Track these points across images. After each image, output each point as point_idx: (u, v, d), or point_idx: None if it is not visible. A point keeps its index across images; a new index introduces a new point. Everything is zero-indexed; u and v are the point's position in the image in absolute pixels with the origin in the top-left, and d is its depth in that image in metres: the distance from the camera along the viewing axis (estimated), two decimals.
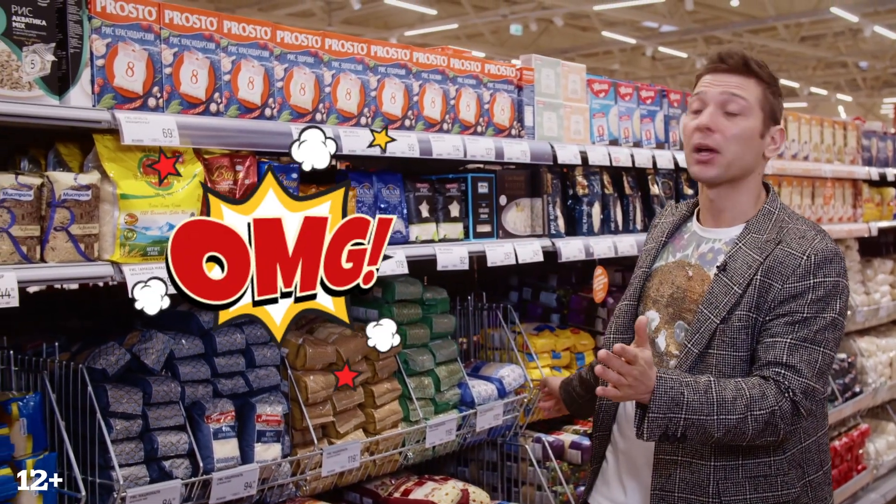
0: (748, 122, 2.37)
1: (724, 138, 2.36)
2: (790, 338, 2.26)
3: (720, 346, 2.32)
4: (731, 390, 2.22)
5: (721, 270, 2.36)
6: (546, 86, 3.60)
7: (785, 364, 2.25)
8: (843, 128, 5.65)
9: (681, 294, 2.43)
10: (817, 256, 2.31)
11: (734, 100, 2.37)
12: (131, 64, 2.37)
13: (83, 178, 2.31)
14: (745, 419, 2.20)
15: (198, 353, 2.70)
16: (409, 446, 3.21)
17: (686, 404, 2.18)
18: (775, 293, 2.30)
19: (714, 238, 2.47)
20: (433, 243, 3.16)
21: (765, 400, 2.21)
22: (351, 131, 2.83)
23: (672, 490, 2.34)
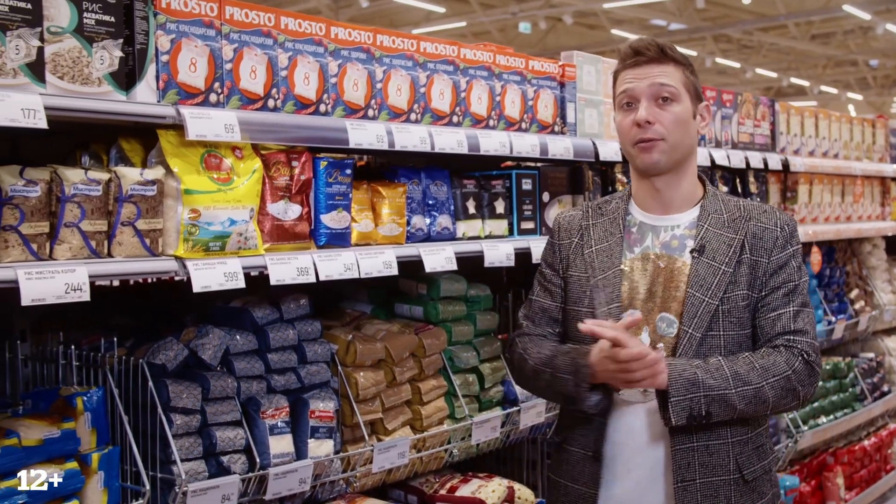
0: (681, 105, 2.46)
1: (664, 127, 2.44)
2: (791, 307, 2.46)
3: (726, 326, 2.43)
4: (742, 364, 2.38)
5: (699, 253, 2.46)
6: (587, 82, 3.65)
7: (793, 331, 2.44)
8: (872, 125, 5.71)
9: (658, 287, 2.48)
10: (788, 226, 2.52)
11: (664, 89, 2.45)
12: (194, 60, 2.42)
13: (148, 173, 2.36)
14: (763, 387, 2.37)
15: (252, 349, 2.75)
16: (455, 443, 3.25)
17: (702, 382, 2.33)
18: (764, 267, 2.47)
19: (671, 225, 2.53)
20: (480, 240, 3.21)
21: (777, 366, 2.39)
22: (403, 127, 2.89)
23: (693, 478, 2.40)
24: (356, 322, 3.22)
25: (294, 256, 2.60)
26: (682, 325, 2.42)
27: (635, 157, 2.49)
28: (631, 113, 2.47)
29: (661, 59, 2.47)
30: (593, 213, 2.63)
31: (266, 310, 2.81)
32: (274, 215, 2.61)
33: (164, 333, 2.72)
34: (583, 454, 2.52)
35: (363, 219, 2.85)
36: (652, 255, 2.52)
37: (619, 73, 2.52)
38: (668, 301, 2.46)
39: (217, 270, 2.40)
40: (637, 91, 2.46)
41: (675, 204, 2.54)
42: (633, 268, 2.52)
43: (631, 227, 2.57)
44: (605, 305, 2.48)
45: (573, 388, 2.43)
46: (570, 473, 2.55)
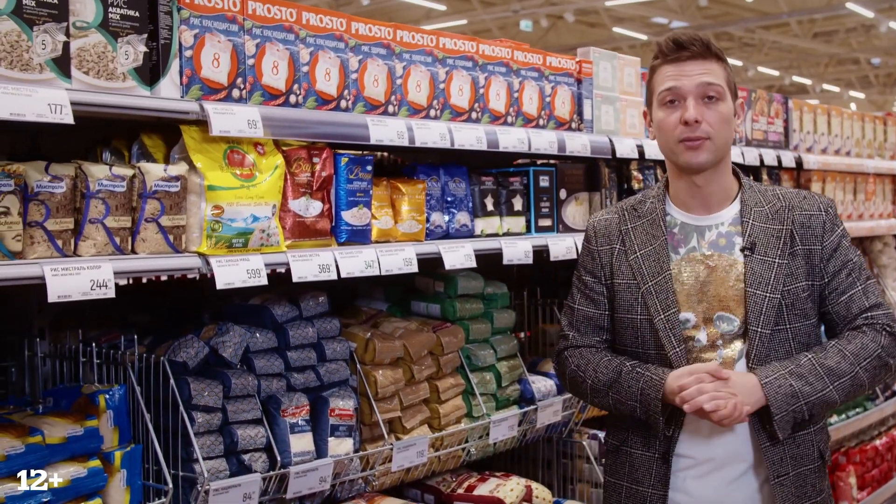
0: (726, 104, 2.47)
1: (711, 126, 2.44)
2: (859, 286, 2.49)
3: (792, 319, 2.46)
4: (833, 355, 2.42)
5: (750, 251, 2.46)
6: (603, 79, 3.66)
7: (869, 308, 2.48)
8: (884, 123, 5.72)
9: (710, 286, 2.47)
10: (831, 208, 2.55)
11: (711, 88, 2.44)
12: (217, 55, 2.43)
13: (172, 169, 2.36)
14: (857, 374, 2.41)
15: (272, 347, 2.75)
16: (472, 442, 3.26)
17: (800, 392, 2.37)
18: (818, 255, 2.49)
19: (715, 223, 2.53)
20: (498, 237, 3.22)
21: (865, 349, 2.43)
22: (423, 123, 2.89)
23: (787, 472, 2.43)
24: (373, 320, 3.23)
25: (315, 253, 2.60)
26: (750, 324, 2.42)
27: (679, 154, 2.47)
28: (675, 111, 2.45)
29: (705, 56, 2.45)
30: (630, 215, 2.61)
31: (286, 307, 2.81)
32: (295, 212, 2.61)
33: (183, 331, 2.72)
34: (648, 456, 2.51)
35: (383, 216, 2.86)
36: (699, 255, 2.51)
37: (660, 68, 2.48)
38: (724, 300, 2.47)
39: (240, 267, 2.40)
40: (684, 89, 2.43)
41: (714, 200, 2.53)
42: (681, 270, 2.51)
43: (672, 228, 2.56)
44: (661, 313, 2.47)
45: (643, 415, 2.46)
46: (634, 475, 2.54)
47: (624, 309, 2.55)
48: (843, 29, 23.49)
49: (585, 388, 2.57)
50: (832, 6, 19.19)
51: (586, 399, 2.63)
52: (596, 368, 2.53)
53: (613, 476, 2.63)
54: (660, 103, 2.48)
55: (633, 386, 2.45)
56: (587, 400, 2.63)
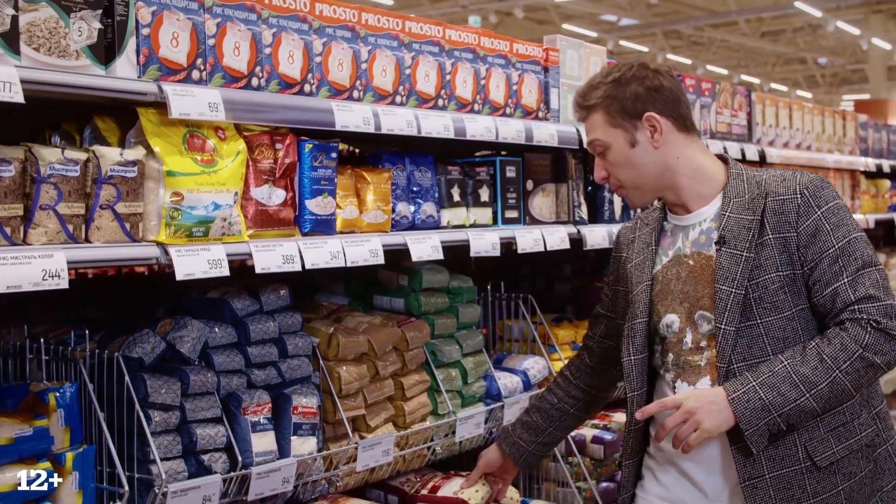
0: (612, 152, 2.50)
1: (617, 176, 2.52)
2: (845, 276, 2.29)
3: (762, 313, 2.34)
4: (808, 361, 2.27)
5: (721, 244, 2.40)
6: (570, 67, 3.61)
7: (856, 301, 2.27)
8: (843, 118, 5.77)
9: (690, 286, 2.45)
10: (809, 189, 2.35)
11: (592, 145, 2.55)
12: (176, 34, 2.33)
13: (129, 153, 2.26)
14: (835, 380, 2.25)
15: (231, 342, 2.66)
16: (438, 441, 3.19)
17: (772, 404, 2.26)
18: (794, 241, 2.33)
19: (698, 221, 2.49)
20: (465, 228, 3.16)
21: (845, 350, 2.25)
22: (389, 110, 2.82)
23: (762, 474, 2.32)
24: (336, 315, 3.14)
25: (279, 243, 2.52)
26: (716, 322, 2.37)
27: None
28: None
29: (582, 114, 2.56)
30: (640, 223, 2.67)
31: (246, 301, 2.72)
32: (258, 200, 2.53)
33: (138, 326, 2.62)
34: (630, 463, 2.58)
35: (348, 205, 2.78)
36: (682, 255, 2.49)
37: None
38: (702, 298, 2.43)
39: (201, 257, 2.31)
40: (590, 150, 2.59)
41: (694, 203, 2.51)
42: (667, 272, 2.51)
43: (667, 232, 2.58)
44: (629, 320, 2.55)
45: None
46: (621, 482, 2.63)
47: (621, 317, 2.64)
48: (790, 28, 23.86)
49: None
50: (780, 5, 19.47)
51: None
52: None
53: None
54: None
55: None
56: None
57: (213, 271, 2.32)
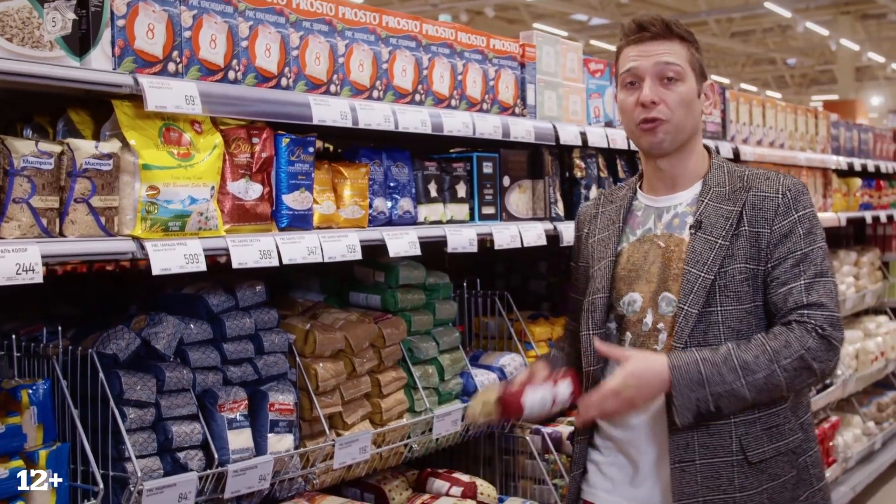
0: (686, 85, 2.42)
1: (668, 107, 2.41)
2: (802, 279, 2.35)
3: (723, 301, 2.38)
4: (752, 350, 2.31)
5: (697, 228, 2.42)
6: (546, 63, 3.62)
7: (806, 304, 2.33)
8: (815, 116, 5.82)
9: (657, 267, 2.47)
10: (791, 192, 2.40)
11: (669, 68, 2.40)
12: (151, 25, 2.31)
13: (104, 146, 2.23)
14: (773, 373, 2.29)
15: (207, 339, 2.64)
16: (415, 438, 3.19)
17: (707, 380, 2.28)
18: (766, 238, 2.38)
19: (673, 204, 2.51)
20: (442, 224, 3.15)
21: (788, 347, 2.30)
22: (366, 104, 2.81)
23: (692, 459, 2.36)
24: (311, 311, 3.13)
25: (256, 238, 2.50)
26: (679, 303, 2.39)
27: (639, 137, 2.46)
28: (634, 92, 2.43)
29: (666, 36, 2.41)
30: (604, 201, 2.66)
31: (221, 297, 2.70)
32: (234, 194, 2.51)
33: (110, 323, 2.59)
34: (582, 439, 2.57)
35: (325, 200, 2.77)
36: (652, 236, 2.50)
37: (623, 50, 2.47)
38: (667, 280, 2.44)
39: (177, 252, 2.29)
40: (641, 70, 2.41)
41: (679, 182, 2.51)
42: (633, 251, 2.50)
43: (636, 211, 2.56)
44: (590, 294, 2.53)
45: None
46: (575, 458, 2.59)
47: (580, 291, 2.63)
48: (759, 29, 24.06)
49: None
50: (750, 6, 19.62)
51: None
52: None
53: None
54: (621, 85, 2.48)
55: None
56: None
57: (189, 266, 2.30)
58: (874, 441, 6.53)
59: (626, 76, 2.45)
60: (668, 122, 2.42)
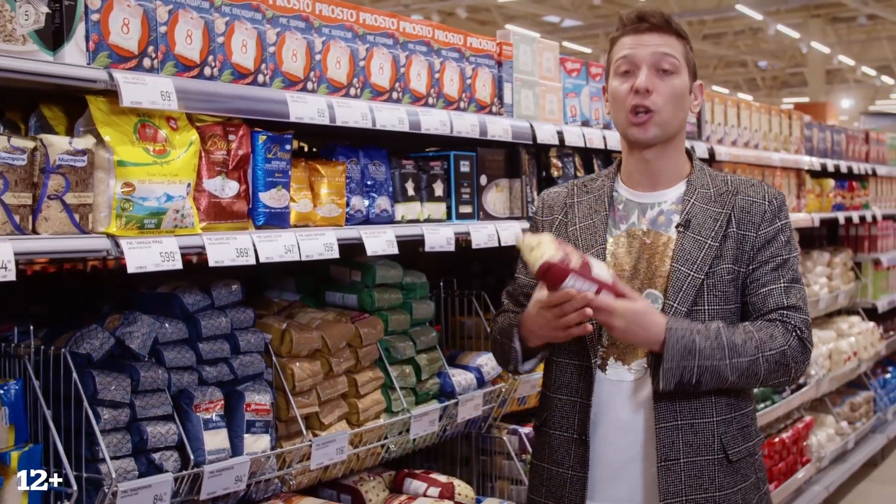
0: (680, 79, 2.45)
1: (661, 98, 2.43)
2: (782, 282, 2.45)
3: (711, 301, 2.43)
4: (740, 334, 2.37)
5: (684, 228, 2.45)
6: (523, 62, 3.62)
7: (786, 306, 2.43)
8: (789, 117, 5.86)
9: (643, 263, 2.48)
10: (777, 200, 2.51)
11: (666, 59, 2.43)
12: (127, 20, 2.28)
13: (78, 142, 2.21)
14: (757, 360, 2.36)
15: (182, 338, 2.61)
16: (392, 438, 3.17)
17: (699, 351, 2.32)
18: (751, 241, 2.45)
19: (658, 201, 2.53)
20: (419, 223, 3.15)
21: (774, 340, 2.39)
22: (344, 102, 2.80)
23: (677, 457, 2.38)
24: (288, 311, 3.11)
25: (233, 236, 2.48)
26: (668, 300, 2.41)
27: (627, 127, 2.47)
28: (628, 80, 2.45)
29: (664, 29, 2.44)
30: (578, 190, 2.63)
31: (197, 296, 2.67)
32: (211, 192, 2.49)
33: (83, 322, 2.56)
34: (567, 437, 2.49)
35: (302, 198, 2.75)
36: (637, 231, 2.51)
37: (619, 39, 2.49)
38: (652, 277, 2.45)
39: (153, 250, 2.27)
40: (638, 58, 2.43)
41: (663, 178, 2.53)
42: (617, 244, 2.50)
43: (617, 205, 2.56)
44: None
45: (504, 349, 2.52)
46: (554, 457, 2.52)
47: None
48: (731, 31, 24.25)
49: (492, 344, 2.64)
50: (722, 8, 19.76)
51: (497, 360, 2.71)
52: (502, 321, 2.60)
53: (536, 457, 2.63)
54: (615, 73, 2.48)
55: (504, 322, 2.57)
56: (497, 360, 2.71)
57: (165, 264, 2.28)
58: (847, 441, 6.59)
59: (621, 63, 2.46)
60: (658, 114, 2.44)
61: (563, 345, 2.50)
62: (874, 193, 7.41)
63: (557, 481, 2.51)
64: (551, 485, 2.52)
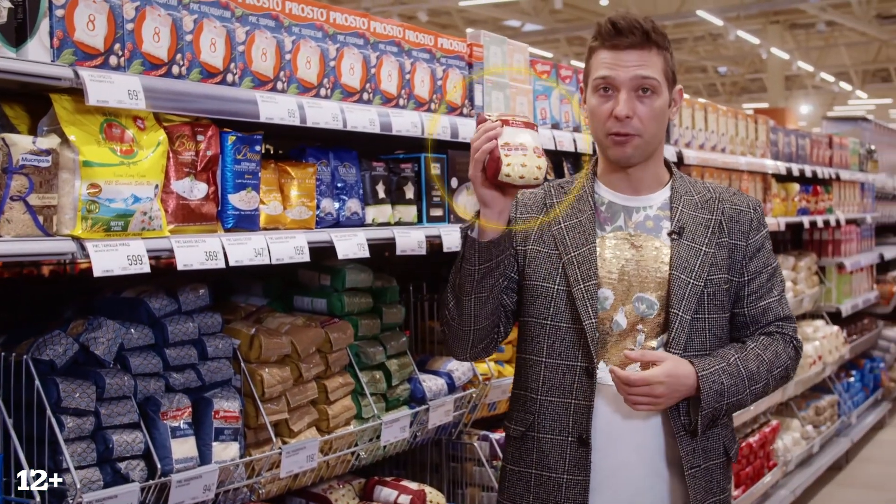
0: (661, 98, 2.41)
1: (642, 122, 2.40)
2: (775, 293, 2.53)
3: (711, 309, 2.46)
4: (753, 360, 2.44)
5: (678, 235, 2.45)
6: (494, 64, 3.60)
7: (782, 318, 2.53)
8: (755, 121, 5.90)
9: (632, 267, 2.46)
10: (759, 207, 2.58)
11: (646, 82, 2.38)
12: (92, 17, 2.23)
13: (42, 141, 2.15)
14: (768, 382, 2.48)
15: (148, 344, 2.56)
16: (362, 445, 3.13)
17: (727, 391, 2.38)
18: (742, 251, 2.50)
19: (643, 206, 2.52)
20: (390, 226, 3.11)
21: (779, 358, 2.49)
22: (314, 102, 2.76)
23: (699, 464, 2.44)
24: (256, 315, 3.06)
25: (202, 239, 2.43)
26: (672, 308, 2.40)
27: (608, 148, 2.46)
28: (607, 100, 2.41)
29: (644, 45, 2.38)
30: (556, 191, 2.60)
31: (163, 300, 2.62)
32: (179, 194, 2.44)
33: (46, 328, 2.50)
34: (561, 440, 2.45)
35: (272, 200, 2.71)
36: (625, 234, 2.49)
37: (597, 52, 2.44)
38: (645, 281, 2.44)
39: (120, 253, 2.21)
40: (617, 81, 2.39)
41: (643, 185, 2.52)
42: (604, 246, 2.48)
43: (599, 206, 2.53)
44: (581, 282, 2.44)
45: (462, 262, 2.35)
46: (545, 462, 2.47)
47: (540, 277, 2.50)
48: (691, 37, 24.44)
49: (446, 303, 2.46)
50: (682, 14, 19.90)
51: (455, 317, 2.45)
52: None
53: (517, 464, 2.55)
54: (593, 89, 2.45)
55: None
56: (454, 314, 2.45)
57: (132, 268, 2.23)
58: (812, 444, 6.65)
59: (600, 82, 2.42)
60: (640, 137, 2.41)
61: (553, 346, 2.47)
62: (837, 198, 7.49)
63: (550, 486, 2.46)
64: (541, 491, 2.47)
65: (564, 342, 2.46)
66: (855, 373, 8.14)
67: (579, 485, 2.42)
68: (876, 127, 9.94)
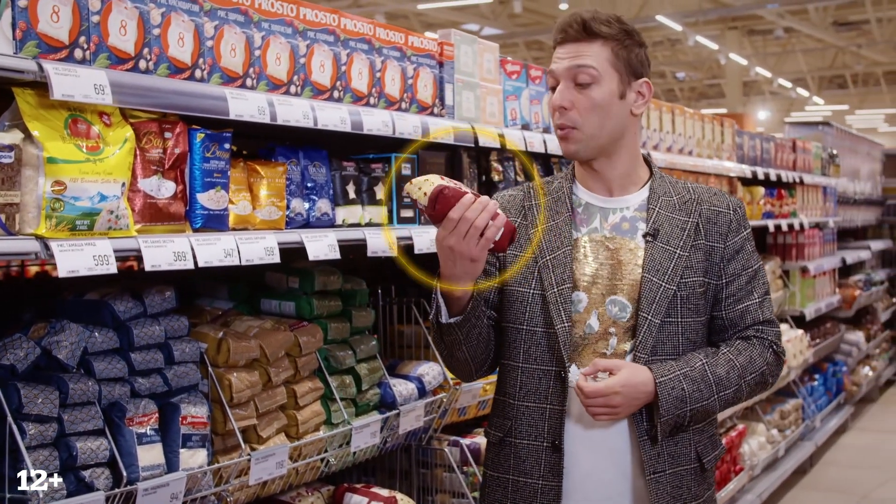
0: (602, 88, 2.38)
1: (580, 113, 2.39)
2: (755, 296, 2.48)
3: (684, 313, 2.42)
4: (723, 365, 2.40)
5: (653, 237, 2.43)
6: (465, 63, 3.58)
7: (762, 321, 2.49)
8: (721, 124, 5.93)
9: (607, 270, 2.45)
10: (740, 209, 2.53)
11: (581, 70, 2.38)
12: (56, 8, 2.17)
13: (5, 137, 2.09)
14: (740, 388, 2.43)
15: (113, 348, 2.50)
16: (332, 451, 3.09)
17: (689, 397, 2.34)
18: (720, 253, 2.45)
19: (620, 207, 2.49)
20: (361, 227, 3.07)
21: (753, 364, 2.44)
22: (284, 100, 2.72)
23: (664, 469, 2.39)
24: (223, 319, 3.01)
25: (170, 239, 2.38)
26: (641, 311, 2.38)
27: (559, 143, 2.47)
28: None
29: (581, 38, 2.38)
30: (532, 193, 2.57)
31: (128, 303, 2.56)
32: (146, 192, 2.38)
33: (5, 332, 2.43)
34: (536, 445, 2.43)
35: (241, 200, 2.66)
36: (600, 237, 2.46)
37: (554, 51, 2.46)
38: (618, 284, 2.42)
39: (86, 253, 2.15)
40: (556, 73, 2.41)
41: (616, 185, 2.49)
42: (579, 248, 2.46)
43: (577, 207, 2.51)
44: (555, 286, 2.41)
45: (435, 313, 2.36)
46: (521, 468, 2.45)
47: (516, 282, 2.48)
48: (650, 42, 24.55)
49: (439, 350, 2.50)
50: (641, 18, 20.04)
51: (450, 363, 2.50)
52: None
53: (496, 470, 2.53)
54: (549, 87, 2.48)
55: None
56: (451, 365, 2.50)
57: (99, 268, 2.17)
58: (778, 448, 6.69)
59: (548, 78, 2.46)
60: (579, 130, 2.40)
61: (529, 351, 2.45)
62: (801, 202, 7.56)
63: (526, 492, 2.44)
64: (518, 497, 2.46)
65: (540, 346, 2.44)
66: (818, 376, 8.22)
67: (552, 490, 2.41)
68: (837, 132, 10.05)
